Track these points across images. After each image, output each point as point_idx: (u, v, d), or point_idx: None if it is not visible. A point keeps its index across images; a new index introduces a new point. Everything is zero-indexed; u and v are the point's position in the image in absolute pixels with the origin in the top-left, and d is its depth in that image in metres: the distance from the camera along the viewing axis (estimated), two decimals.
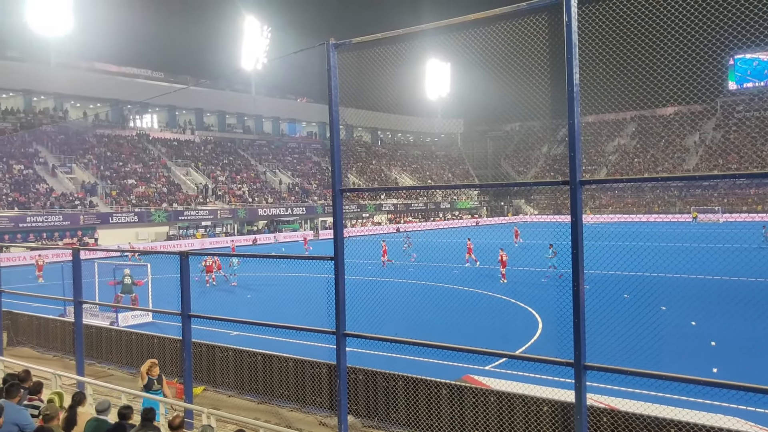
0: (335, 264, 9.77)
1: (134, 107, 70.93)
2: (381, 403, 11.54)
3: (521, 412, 10.05)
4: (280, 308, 22.23)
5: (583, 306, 7.53)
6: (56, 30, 63.13)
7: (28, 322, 19.18)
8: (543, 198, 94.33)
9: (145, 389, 10.52)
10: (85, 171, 59.33)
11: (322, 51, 9.66)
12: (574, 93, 7.38)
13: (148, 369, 10.72)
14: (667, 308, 20.25)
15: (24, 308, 20.75)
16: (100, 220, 52.63)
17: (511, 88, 13.28)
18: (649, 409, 9.65)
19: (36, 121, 62.46)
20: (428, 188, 49.76)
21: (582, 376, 7.56)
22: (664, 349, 14.40)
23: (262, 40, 76.57)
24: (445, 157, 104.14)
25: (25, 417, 7.93)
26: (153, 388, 10.62)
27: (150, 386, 10.61)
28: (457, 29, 8.82)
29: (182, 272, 11.72)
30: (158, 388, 10.67)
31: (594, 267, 16.27)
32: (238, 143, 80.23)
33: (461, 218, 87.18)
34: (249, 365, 13.57)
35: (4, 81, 61.53)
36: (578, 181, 7.53)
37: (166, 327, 19.33)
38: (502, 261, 29.51)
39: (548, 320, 19.84)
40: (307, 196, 74.21)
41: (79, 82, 66.06)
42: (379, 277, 27.43)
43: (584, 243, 7.59)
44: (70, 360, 16.13)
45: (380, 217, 78.31)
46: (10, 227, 46.86)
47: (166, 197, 60.82)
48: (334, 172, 9.77)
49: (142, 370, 10.81)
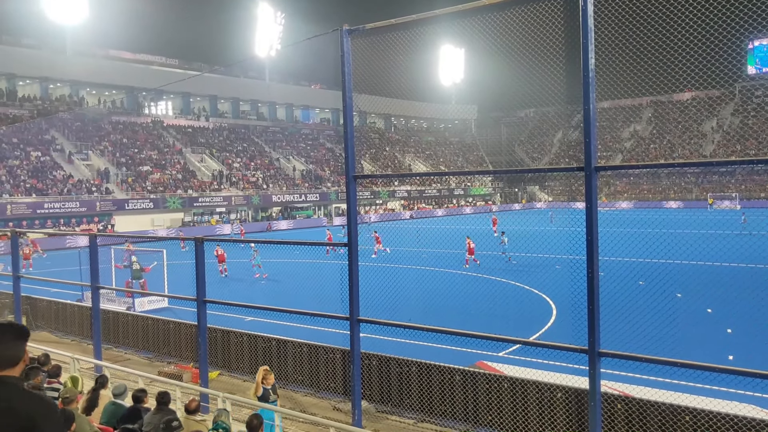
0: (349, 250, 9.80)
1: (149, 94, 71.19)
2: (394, 388, 11.61)
3: (534, 398, 10.07)
4: (294, 294, 22.36)
5: (597, 292, 7.51)
6: (72, 18, 63.52)
7: (46, 307, 19.47)
8: (557, 184, 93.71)
9: (261, 400, 9.49)
10: (101, 158, 59.78)
11: (335, 37, 9.62)
12: (589, 78, 7.31)
13: (262, 378, 9.57)
14: (682, 295, 20.13)
15: (42, 293, 21.04)
16: (116, 207, 53.11)
17: (526, 73, 13.18)
18: (664, 396, 9.63)
19: (53, 108, 62.95)
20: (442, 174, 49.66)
21: (596, 363, 7.55)
22: (679, 337, 14.32)
23: (275, 27, 76.47)
24: (459, 144, 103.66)
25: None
26: (270, 399, 9.56)
27: (266, 397, 9.53)
28: (471, 14, 8.75)
29: (197, 258, 11.82)
30: (275, 398, 9.72)
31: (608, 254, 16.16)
32: (252, 130, 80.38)
33: (475, 204, 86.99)
34: (263, 350, 13.70)
35: (22, 68, 62.00)
36: (593, 167, 7.48)
37: (181, 312, 19.53)
38: (469, 248, 30.27)
39: (562, 307, 19.79)
40: (321, 182, 74.32)
41: (95, 69, 66.41)
42: (391, 263, 27.46)
43: (599, 229, 7.55)
44: (87, 344, 16.36)
45: (394, 204, 78.29)
46: (28, 213, 47.40)
47: (181, 184, 61.19)
48: (347, 159, 9.77)
49: (257, 379, 9.61)
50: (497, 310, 19.49)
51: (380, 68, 10.68)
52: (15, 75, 62.51)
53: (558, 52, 9.35)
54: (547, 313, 19.61)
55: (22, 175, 51.80)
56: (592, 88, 7.34)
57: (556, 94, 14.76)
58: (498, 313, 19.16)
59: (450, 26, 9.73)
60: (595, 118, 7.45)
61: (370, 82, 10.47)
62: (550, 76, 12.29)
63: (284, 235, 58.67)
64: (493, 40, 9.14)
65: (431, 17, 9.02)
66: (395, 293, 17.12)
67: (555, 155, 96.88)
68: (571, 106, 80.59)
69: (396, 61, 10.77)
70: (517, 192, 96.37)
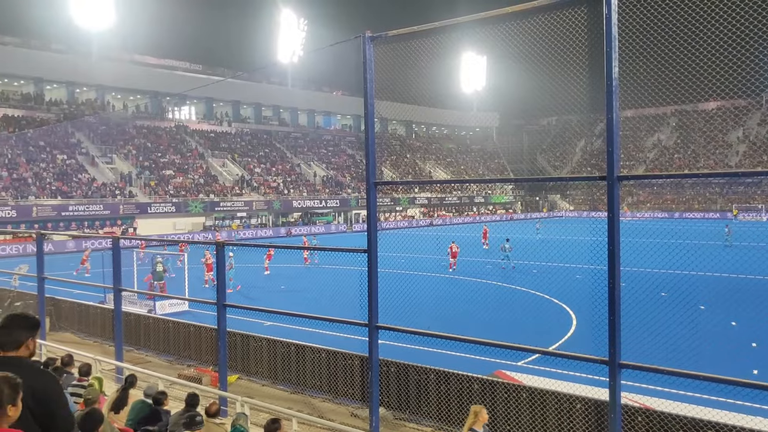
0: (368, 256, 9.79)
1: (173, 99, 72.04)
2: (412, 395, 11.58)
3: (554, 409, 9.97)
4: (313, 299, 22.42)
5: (618, 303, 7.43)
6: (99, 23, 64.66)
7: (69, 308, 19.73)
8: (579, 193, 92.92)
9: None
10: (125, 161, 60.59)
11: (357, 44, 9.66)
12: (612, 87, 7.25)
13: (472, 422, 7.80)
14: (706, 308, 19.81)
15: (66, 294, 21.34)
16: (139, 210, 53.73)
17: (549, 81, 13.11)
18: (686, 409, 9.47)
19: (78, 112, 64.03)
20: (462, 182, 49.47)
21: (617, 375, 7.45)
22: (702, 349, 14.09)
23: (298, 33, 76.93)
24: (480, 151, 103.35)
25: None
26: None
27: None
28: (493, 22, 8.72)
29: (218, 262, 11.91)
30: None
31: (630, 264, 15.99)
32: (274, 135, 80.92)
33: (495, 212, 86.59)
34: (282, 355, 13.74)
35: (49, 73, 63.17)
36: (616, 176, 7.41)
37: (201, 316, 19.67)
38: (452, 252, 31.85)
39: (582, 317, 19.59)
40: (341, 188, 74.52)
41: (120, 74, 67.41)
42: (411, 270, 27.42)
43: (620, 239, 7.48)
44: (109, 346, 16.54)
45: (413, 211, 78.22)
46: (53, 215, 48.15)
47: (203, 188, 61.76)
48: (368, 165, 9.78)
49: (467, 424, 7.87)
50: (517, 319, 19.36)
51: (402, 75, 10.68)
52: (43, 79, 63.70)
53: (581, 59, 9.29)
54: (567, 322, 19.42)
55: (48, 177, 52.67)
56: (616, 96, 7.28)
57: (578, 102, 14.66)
58: (517, 322, 19.02)
59: (472, 33, 9.71)
60: (618, 127, 7.38)
61: (391, 89, 10.48)
62: (572, 84, 12.21)
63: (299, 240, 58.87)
64: (516, 48, 9.10)
65: (454, 24, 9.02)
66: (413, 300, 17.09)
67: (577, 164, 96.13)
68: (593, 114, 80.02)
69: (418, 68, 10.77)
70: (538, 200, 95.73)
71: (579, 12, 8.02)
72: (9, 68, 60.44)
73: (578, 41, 8.59)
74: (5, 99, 61.07)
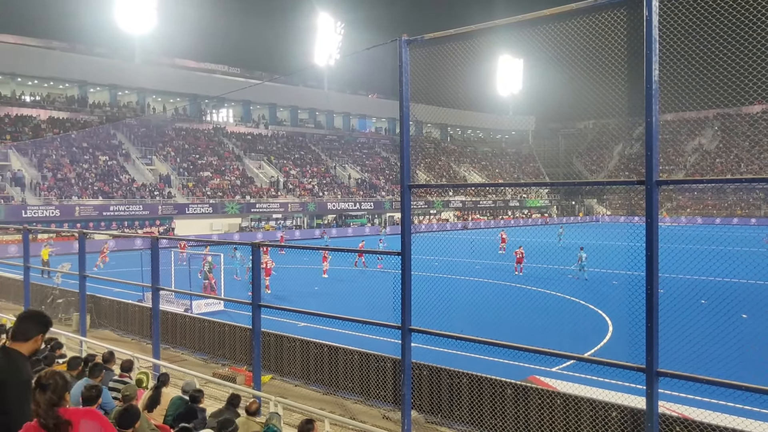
0: (402, 259, 9.79)
1: (211, 102, 73.20)
2: (445, 399, 11.54)
3: (588, 416, 9.83)
4: (346, 301, 22.51)
5: (656, 310, 7.29)
6: (141, 27, 66.19)
7: (109, 306, 20.19)
8: (616, 198, 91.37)
9: None
10: (164, 163, 61.78)
11: (393, 47, 9.68)
12: (652, 90, 7.13)
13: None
14: (748, 316, 19.28)
15: (106, 293, 21.85)
16: (177, 211, 54.71)
17: (586, 84, 12.94)
18: (726, 420, 9.24)
19: (120, 115, 65.57)
20: (497, 185, 48.97)
21: (654, 383, 7.31)
22: (743, 359, 13.71)
23: (335, 37, 77.56)
24: (515, 155, 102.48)
25: (106, 396, 8.37)
26: None
27: None
28: (531, 25, 8.65)
29: (254, 263, 12.04)
30: None
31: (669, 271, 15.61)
32: (310, 138, 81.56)
33: (530, 216, 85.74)
34: (315, 356, 13.83)
35: (93, 76, 64.83)
36: (654, 181, 7.27)
37: (236, 316, 19.92)
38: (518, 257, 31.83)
39: (619, 323, 19.26)
40: (376, 191, 74.69)
41: (161, 77, 68.84)
42: (444, 274, 27.32)
43: (659, 245, 7.34)
44: (146, 344, 16.86)
45: (447, 214, 77.94)
46: (95, 215, 49.36)
47: (240, 189, 62.58)
48: (403, 168, 9.79)
49: None
50: (552, 325, 19.13)
51: (437, 78, 10.67)
52: (86, 82, 65.41)
53: (620, 62, 9.15)
54: (602, 329, 19.12)
55: (90, 178, 54.02)
56: (656, 99, 7.15)
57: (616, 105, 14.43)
58: (552, 327, 18.79)
59: (509, 36, 9.65)
60: (657, 131, 7.25)
61: (426, 92, 10.46)
62: (611, 87, 12.04)
63: (336, 242, 59.15)
64: (553, 51, 9.02)
65: (490, 27, 8.97)
66: (447, 304, 17.03)
67: (614, 168, 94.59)
68: (632, 118, 78.41)
69: (453, 71, 10.75)
70: (574, 205, 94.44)
71: (618, 14, 7.91)
72: (55, 72, 62.31)
73: (617, 44, 8.46)
74: (51, 101, 62.90)
